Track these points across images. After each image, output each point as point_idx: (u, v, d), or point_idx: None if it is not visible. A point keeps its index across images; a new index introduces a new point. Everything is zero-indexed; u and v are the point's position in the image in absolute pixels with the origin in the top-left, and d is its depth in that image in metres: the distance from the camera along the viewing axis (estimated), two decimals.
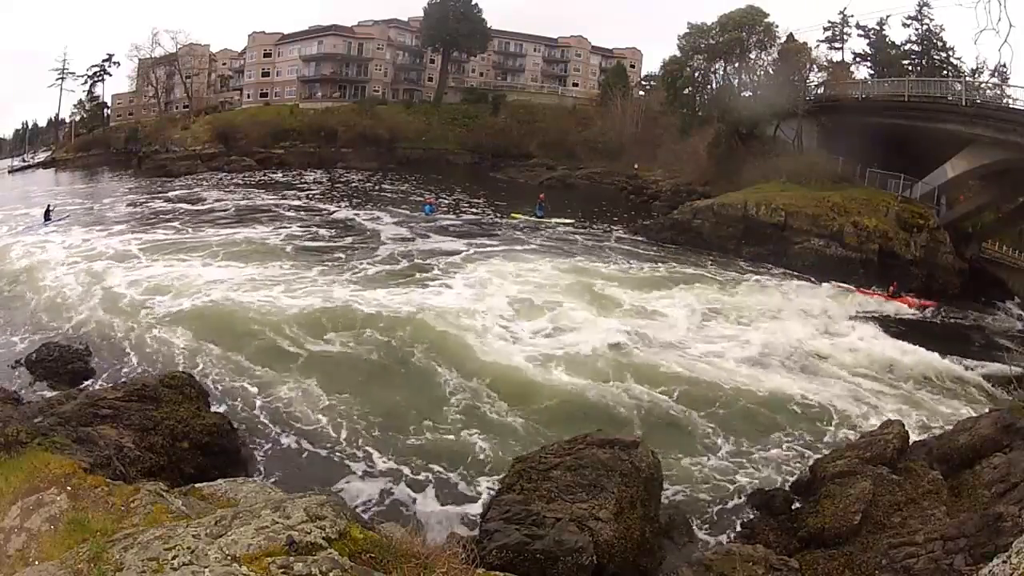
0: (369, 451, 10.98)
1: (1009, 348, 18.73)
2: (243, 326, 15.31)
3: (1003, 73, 31.36)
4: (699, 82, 41.57)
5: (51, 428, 8.26)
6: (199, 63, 62.60)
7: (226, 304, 16.64)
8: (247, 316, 15.77)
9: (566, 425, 11.21)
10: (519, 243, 26.60)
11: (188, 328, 15.13)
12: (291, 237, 25.78)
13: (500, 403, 12.49)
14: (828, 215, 26.06)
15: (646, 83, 64.75)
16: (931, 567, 7.25)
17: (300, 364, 13.84)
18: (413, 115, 57.61)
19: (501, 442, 11.18)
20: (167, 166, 48.96)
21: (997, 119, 24.27)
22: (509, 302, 17.90)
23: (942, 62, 45.39)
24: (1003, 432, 9.47)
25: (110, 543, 4.14)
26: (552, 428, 11.47)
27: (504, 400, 12.57)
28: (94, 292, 17.62)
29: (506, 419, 12.01)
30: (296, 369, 13.60)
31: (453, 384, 13.19)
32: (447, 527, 8.87)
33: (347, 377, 13.40)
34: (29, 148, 69.61)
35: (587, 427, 9.67)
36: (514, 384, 13.15)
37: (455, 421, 11.94)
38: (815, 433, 12.28)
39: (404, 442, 11.24)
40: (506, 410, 12.28)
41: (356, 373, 13.66)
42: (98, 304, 16.80)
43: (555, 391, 12.97)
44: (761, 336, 16.76)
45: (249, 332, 15.03)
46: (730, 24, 37.56)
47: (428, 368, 13.87)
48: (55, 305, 17.08)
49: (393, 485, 10.14)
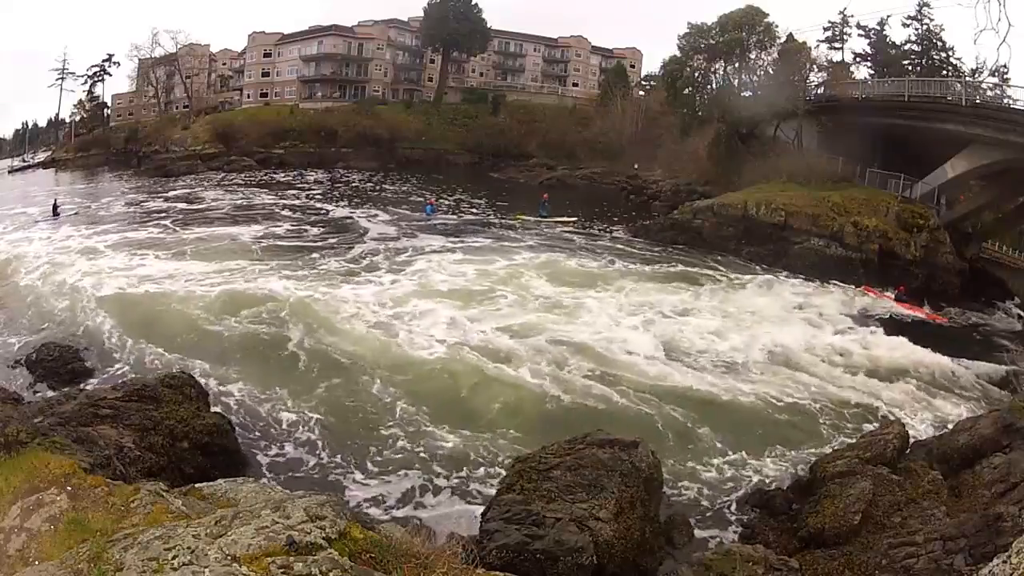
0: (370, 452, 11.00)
1: (1009, 348, 18.74)
2: (157, 308, 16.50)
3: (1003, 73, 31.28)
4: (699, 82, 41.48)
5: (51, 428, 8.26)
6: (199, 63, 62.66)
7: (151, 291, 17.77)
8: (166, 302, 16.90)
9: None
10: (507, 240, 26.68)
11: (113, 314, 15.99)
12: (272, 236, 26.04)
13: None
14: (828, 215, 26.04)
15: (646, 83, 64.72)
16: (931, 567, 7.26)
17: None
18: (413, 115, 57.61)
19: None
20: (167, 166, 48.97)
21: (997, 119, 24.26)
22: (414, 294, 18.43)
23: (942, 62, 45.40)
24: (1003, 432, 9.50)
25: (110, 543, 4.15)
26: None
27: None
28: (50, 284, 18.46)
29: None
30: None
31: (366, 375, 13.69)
32: (447, 527, 8.87)
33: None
34: (29, 148, 69.71)
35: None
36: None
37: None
38: (815, 433, 12.26)
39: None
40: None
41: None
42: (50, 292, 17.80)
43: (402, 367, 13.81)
44: (760, 336, 16.73)
45: (160, 313, 16.22)
46: (730, 24, 37.52)
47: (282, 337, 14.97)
48: (29, 303, 17.51)
49: (393, 485, 10.14)
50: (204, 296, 17.15)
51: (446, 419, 11.96)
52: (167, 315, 16.11)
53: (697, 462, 11.02)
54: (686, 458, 11.10)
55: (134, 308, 16.50)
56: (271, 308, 16.44)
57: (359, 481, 10.24)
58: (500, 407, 12.44)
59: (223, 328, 15.45)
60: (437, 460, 10.76)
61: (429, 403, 12.47)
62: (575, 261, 23.56)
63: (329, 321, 15.85)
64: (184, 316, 16.02)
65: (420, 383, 13.28)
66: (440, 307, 17.27)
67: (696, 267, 24.20)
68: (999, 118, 24.27)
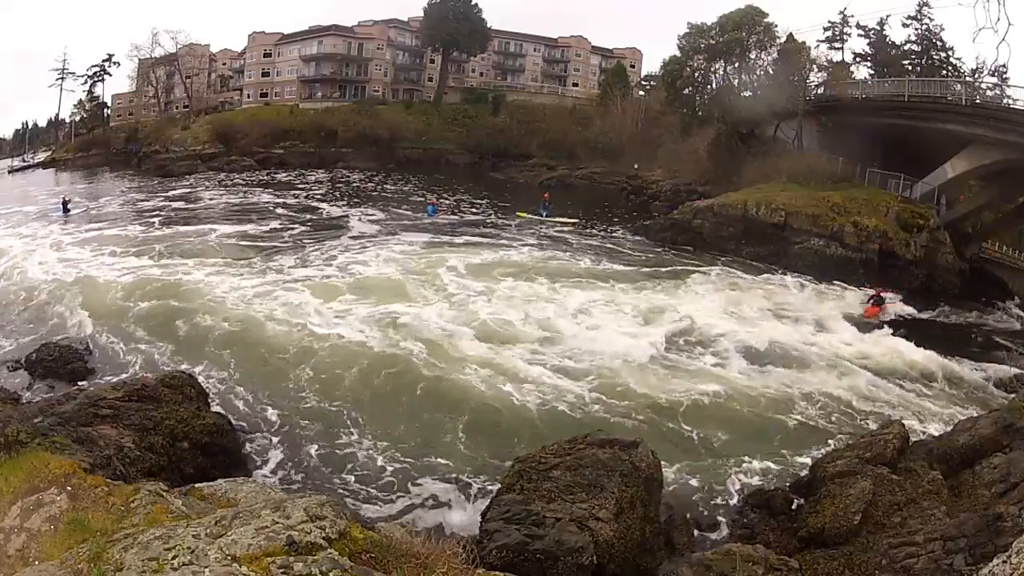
0: (370, 450, 10.99)
1: (1009, 348, 18.72)
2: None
3: (1002, 73, 31.28)
4: (699, 82, 41.51)
5: (51, 428, 8.28)
6: (199, 63, 62.60)
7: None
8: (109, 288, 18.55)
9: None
10: (506, 239, 26.72)
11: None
12: (247, 235, 26.37)
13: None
14: (828, 215, 26.03)
15: (646, 83, 64.66)
16: (931, 567, 7.25)
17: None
18: (413, 115, 57.56)
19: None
20: (167, 166, 48.93)
21: (997, 119, 24.25)
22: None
23: (942, 62, 45.35)
24: (1003, 432, 9.49)
25: (110, 543, 4.14)
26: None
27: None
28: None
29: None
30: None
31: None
32: (447, 527, 8.87)
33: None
34: (29, 148, 69.61)
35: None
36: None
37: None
38: (815, 433, 12.27)
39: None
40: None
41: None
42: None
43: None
44: (760, 336, 16.73)
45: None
46: (730, 24, 37.52)
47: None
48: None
49: (393, 485, 10.14)
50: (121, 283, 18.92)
51: (446, 418, 11.97)
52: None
53: (697, 462, 11.02)
54: (686, 458, 11.10)
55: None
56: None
57: (359, 481, 10.24)
58: (501, 407, 12.45)
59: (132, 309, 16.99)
60: (437, 460, 10.76)
61: (429, 402, 12.48)
62: (572, 259, 23.63)
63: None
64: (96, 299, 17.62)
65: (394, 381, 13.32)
66: (428, 310, 17.28)
67: (695, 267, 24.20)
68: (999, 118, 24.26)
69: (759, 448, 11.52)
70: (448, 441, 11.35)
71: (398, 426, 11.76)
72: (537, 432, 11.50)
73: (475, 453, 11.01)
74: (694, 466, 10.88)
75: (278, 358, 14.29)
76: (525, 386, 13.29)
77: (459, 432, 11.58)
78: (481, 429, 11.70)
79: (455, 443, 11.28)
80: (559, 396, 12.93)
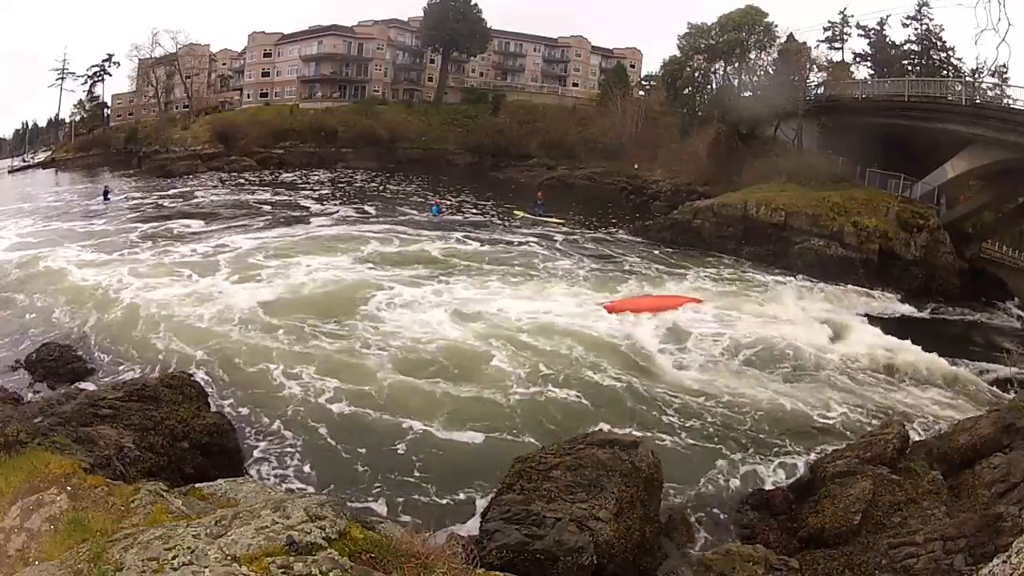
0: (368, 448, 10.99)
1: (1009, 348, 18.69)
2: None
3: (1002, 73, 31.29)
4: (699, 82, 41.50)
5: (51, 428, 8.27)
6: (199, 63, 62.57)
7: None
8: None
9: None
10: (508, 236, 26.84)
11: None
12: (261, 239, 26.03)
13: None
14: (828, 215, 26.03)
15: (646, 83, 64.57)
16: (931, 567, 7.26)
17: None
18: (413, 115, 57.56)
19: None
20: (167, 166, 48.85)
21: (997, 119, 24.26)
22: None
23: (942, 62, 45.40)
24: (1003, 432, 9.49)
25: (110, 543, 4.15)
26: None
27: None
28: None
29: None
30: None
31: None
32: (447, 527, 8.86)
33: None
34: (29, 148, 69.51)
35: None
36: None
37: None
38: (815, 433, 12.26)
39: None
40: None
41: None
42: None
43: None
44: (760, 336, 16.71)
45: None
46: (730, 24, 37.54)
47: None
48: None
49: (393, 485, 10.13)
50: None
51: (444, 418, 11.97)
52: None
53: (697, 462, 11.02)
54: (686, 458, 11.10)
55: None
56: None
57: (359, 481, 10.23)
58: (501, 408, 12.46)
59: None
60: (438, 460, 10.75)
61: (431, 402, 12.48)
62: (577, 263, 23.66)
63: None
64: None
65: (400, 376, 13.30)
66: (436, 311, 17.33)
67: (695, 267, 24.21)
68: (999, 118, 24.27)
69: (759, 448, 11.52)
70: (450, 441, 11.33)
71: (399, 426, 11.75)
72: (538, 432, 11.51)
73: (477, 453, 11.00)
74: (694, 466, 10.87)
75: (279, 358, 14.27)
76: (525, 384, 13.32)
77: (462, 432, 11.56)
78: (486, 428, 11.70)
79: (456, 443, 11.27)
80: (555, 396, 12.92)
